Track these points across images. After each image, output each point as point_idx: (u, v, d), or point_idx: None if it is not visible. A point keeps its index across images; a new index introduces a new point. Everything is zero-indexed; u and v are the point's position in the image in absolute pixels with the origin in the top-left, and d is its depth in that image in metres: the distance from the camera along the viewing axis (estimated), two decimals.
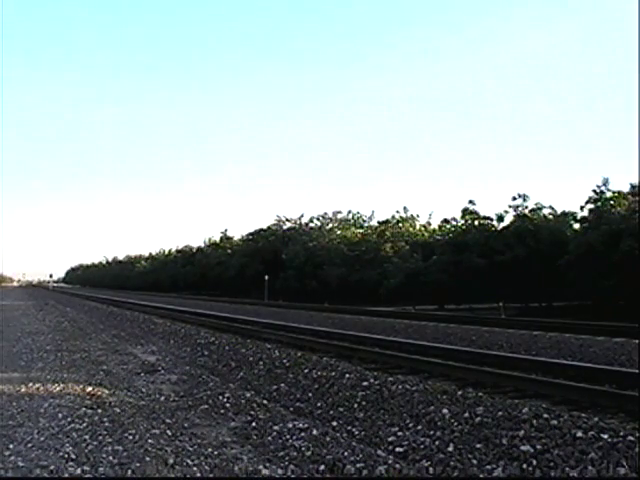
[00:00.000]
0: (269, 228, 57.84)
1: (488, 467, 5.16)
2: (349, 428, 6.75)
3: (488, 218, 36.21)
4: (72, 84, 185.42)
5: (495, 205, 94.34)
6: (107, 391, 8.28)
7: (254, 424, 6.80)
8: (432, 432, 6.13)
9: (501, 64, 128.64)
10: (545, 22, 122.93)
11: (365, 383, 8.33)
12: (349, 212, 52.91)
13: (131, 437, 5.81)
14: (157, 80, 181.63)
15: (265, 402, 7.97)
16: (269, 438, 6.23)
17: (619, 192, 29.73)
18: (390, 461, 5.34)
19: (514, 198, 35.34)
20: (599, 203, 29.81)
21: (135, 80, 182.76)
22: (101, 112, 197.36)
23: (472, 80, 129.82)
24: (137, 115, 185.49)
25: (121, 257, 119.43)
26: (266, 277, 45.09)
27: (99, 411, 6.85)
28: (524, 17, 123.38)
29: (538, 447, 5.29)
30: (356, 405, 7.56)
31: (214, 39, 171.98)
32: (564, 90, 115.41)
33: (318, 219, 54.19)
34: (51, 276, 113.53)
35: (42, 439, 5.78)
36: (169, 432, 6.19)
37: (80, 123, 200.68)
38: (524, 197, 35.25)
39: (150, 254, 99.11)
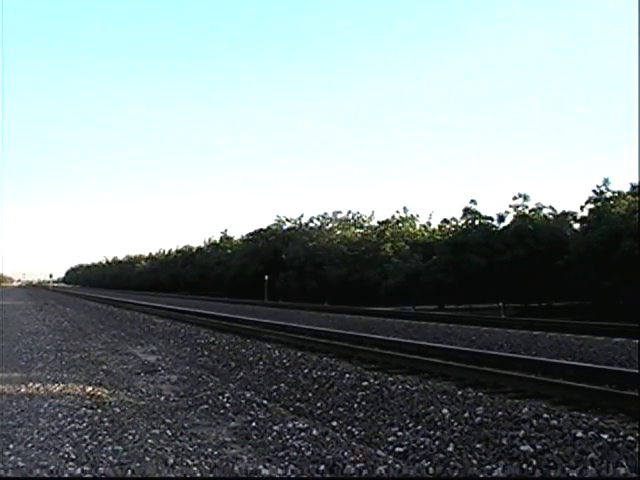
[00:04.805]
0: (269, 228, 57.86)
1: (488, 467, 5.16)
2: (349, 428, 6.75)
3: (489, 218, 36.24)
4: (73, 84, 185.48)
5: (496, 205, 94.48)
6: (107, 391, 8.27)
7: (254, 424, 6.80)
8: (432, 432, 6.13)
9: (502, 63, 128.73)
10: (545, 20, 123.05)
11: (365, 383, 8.32)
12: (349, 212, 53.06)
13: (131, 437, 5.80)
14: (157, 80, 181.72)
15: (265, 402, 7.97)
16: (269, 438, 6.23)
17: (619, 192, 29.78)
18: (390, 461, 5.34)
19: (514, 198, 35.47)
20: (599, 203, 29.85)
21: (135, 80, 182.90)
22: (101, 112, 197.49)
23: (473, 79, 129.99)
24: (137, 115, 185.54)
25: (121, 257, 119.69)
26: (266, 277, 45.11)
27: (99, 411, 6.84)
28: (524, 15, 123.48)
29: (538, 447, 5.28)
30: (356, 405, 7.56)
31: (213, 39, 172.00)
32: (565, 90, 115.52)
33: (318, 219, 54.27)
34: (51, 276, 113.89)
35: (42, 439, 5.77)
36: (169, 432, 6.18)
37: (80, 122, 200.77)
38: (524, 197, 35.35)
39: (150, 254, 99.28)
